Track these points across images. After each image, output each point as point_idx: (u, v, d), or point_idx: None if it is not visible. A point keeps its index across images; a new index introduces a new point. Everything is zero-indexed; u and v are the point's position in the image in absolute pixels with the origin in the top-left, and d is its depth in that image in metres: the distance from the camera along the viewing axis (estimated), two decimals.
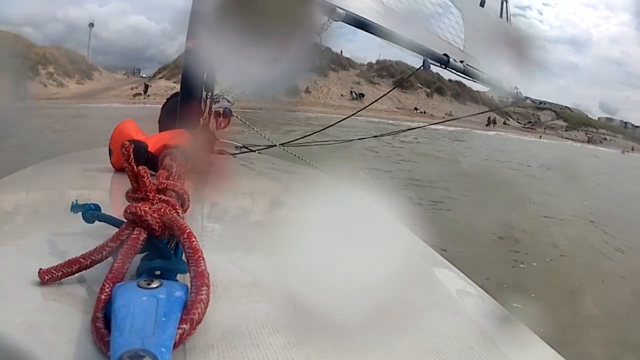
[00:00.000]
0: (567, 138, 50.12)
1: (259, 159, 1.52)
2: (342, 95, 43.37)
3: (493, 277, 2.92)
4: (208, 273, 0.40)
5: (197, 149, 1.03)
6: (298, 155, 1.66)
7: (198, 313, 0.36)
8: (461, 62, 1.94)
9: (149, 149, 0.95)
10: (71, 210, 0.55)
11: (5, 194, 0.82)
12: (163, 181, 0.60)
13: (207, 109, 1.43)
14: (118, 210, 0.51)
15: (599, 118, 65.16)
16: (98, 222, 0.54)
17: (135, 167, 0.53)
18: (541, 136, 44.53)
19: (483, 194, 5.79)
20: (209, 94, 1.43)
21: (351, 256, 0.48)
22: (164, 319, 0.34)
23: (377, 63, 49.17)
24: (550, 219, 5.24)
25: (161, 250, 0.46)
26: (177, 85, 1.41)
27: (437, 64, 1.88)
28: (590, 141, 51.55)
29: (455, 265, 0.69)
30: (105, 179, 0.97)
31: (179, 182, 0.65)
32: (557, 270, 3.53)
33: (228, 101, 1.50)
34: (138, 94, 32.27)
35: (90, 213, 0.54)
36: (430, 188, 6.60)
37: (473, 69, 2.01)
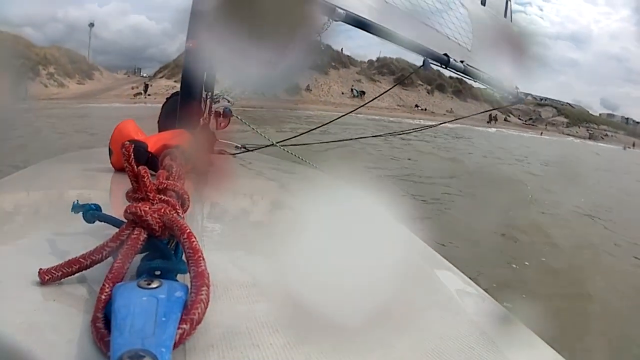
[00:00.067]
0: (568, 134, 50.04)
1: (259, 159, 1.52)
2: (343, 93, 43.31)
3: (490, 274, 2.92)
4: (208, 273, 0.40)
5: (197, 149, 1.03)
6: (298, 155, 1.66)
7: (198, 313, 0.36)
8: (461, 62, 1.93)
9: (149, 149, 0.95)
10: (72, 210, 0.55)
11: (5, 194, 0.82)
12: (163, 181, 0.60)
13: (207, 109, 1.43)
14: (118, 210, 0.51)
15: (600, 114, 65.06)
16: (98, 222, 0.54)
17: (135, 167, 0.53)
18: (542, 133, 44.46)
19: (482, 194, 5.78)
20: (209, 94, 1.43)
21: (351, 256, 0.48)
22: (164, 319, 0.34)
23: (378, 60, 49.12)
24: (549, 219, 5.22)
25: (161, 250, 0.46)
26: (178, 84, 1.40)
27: (438, 64, 1.87)
28: (591, 137, 51.46)
29: (454, 261, 0.69)
30: (105, 179, 0.97)
31: (179, 182, 0.65)
32: (555, 266, 3.52)
33: (228, 101, 1.50)
34: (139, 94, 32.20)
35: (90, 213, 0.54)
36: (428, 185, 6.61)
37: (474, 69, 2.00)
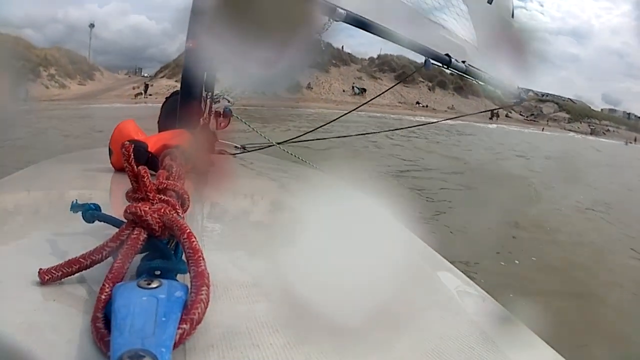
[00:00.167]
0: (570, 130, 49.90)
1: (259, 159, 1.51)
2: (344, 90, 43.26)
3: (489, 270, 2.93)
4: (208, 273, 0.40)
5: (197, 149, 1.03)
6: (298, 155, 1.66)
7: (198, 313, 0.36)
8: (463, 62, 1.92)
9: (149, 149, 0.94)
10: (71, 209, 0.55)
11: (5, 194, 0.82)
12: (163, 181, 0.60)
13: (207, 109, 1.43)
14: (118, 210, 0.51)
15: (602, 109, 64.92)
16: (98, 222, 0.54)
17: (135, 167, 0.53)
18: (544, 128, 44.36)
19: (481, 194, 5.77)
20: (209, 94, 1.43)
21: (351, 256, 0.48)
22: (164, 319, 0.34)
23: (379, 58, 49.06)
24: (549, 217, 5.21)
25: (161, 250, 0.46)
26: (179, 84, 1.40)
27: (439, 64, 1.87)
28: (593, 133, 51.35)
29: (453, 257, 0.69)
30: (105, 179, 0.97)
31: (179, 182, 0.64)
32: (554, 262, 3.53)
33: (228, 101, 1.50)
34: (139, 94, 32.21)
35: (90, 213, 0.54)
36: (427, 180, 6.60)
37: (475, 69, 1.99)
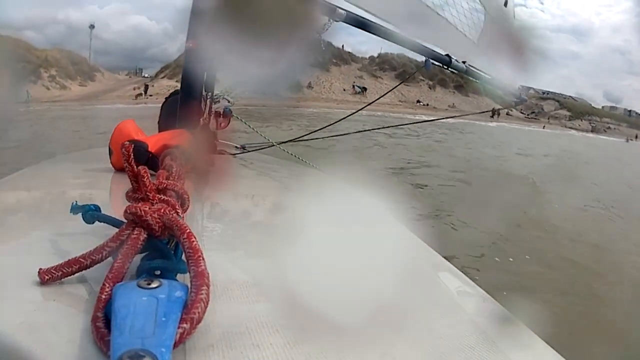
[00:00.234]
0: (571, 127, 49.86)
1: (259, 159, 1.51)
2: (345, 89, 43.20)
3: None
4: (208, 273, 0.40)
5: (197, 149, 1.03)
6: (298, 155, 1.66)
7: (198, 313, 0.36)
8: (463, 63, 1.91)
9: (149, 149, 0.95)
10: (71, 211, 0.55)
11: (5, 194, 0.82)
12: (163, 181, 0.60)
13: (207, 109, 1.43)
14: (118, 210, 0.51)
15: (603, 107, 64.87)
16: (98, 222, 0.54)
17: (135, 167, 0.53)
18: (545, 126, 44.34)
19: (481, 192, 5.76)
20: (209, 94, 1.42)
21: (351, 256, 0.48)
22: (164, 319, 0.34)
23: (379, 56, 49.01)
24: (549, 215, 5.20)
25: (161, 250, 0.46)
26: (179, 84, 1.40)
27: (439, 65, 1.86)
28: (594, 130, 51.29)
29: (452, 254, 0.69)
30: (105, 179, 0.97)
31: (179, 182, 0.65)
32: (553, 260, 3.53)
33: (228, 101, 1.50)
34: (140, 94, 32.23)
35: (90, 214, 0.54)
36: (426, 176, 6.59)
37: (475, 70, 1.98)
